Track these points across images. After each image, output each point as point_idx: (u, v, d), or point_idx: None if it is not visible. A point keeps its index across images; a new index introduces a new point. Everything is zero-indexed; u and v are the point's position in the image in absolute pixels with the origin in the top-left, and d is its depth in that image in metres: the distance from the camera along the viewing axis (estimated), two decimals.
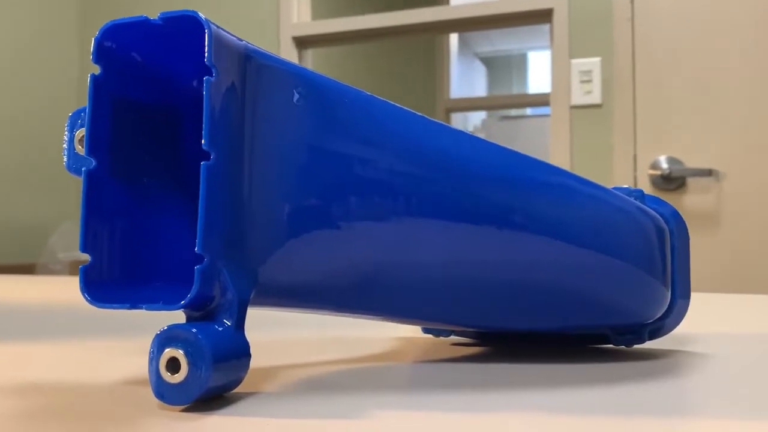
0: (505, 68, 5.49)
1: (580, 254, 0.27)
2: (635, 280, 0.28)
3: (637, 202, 0.29)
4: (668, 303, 0.29)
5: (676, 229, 0.30)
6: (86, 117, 0.24)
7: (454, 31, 2.25)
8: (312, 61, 2.13)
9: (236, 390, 0.23)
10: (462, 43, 4.35)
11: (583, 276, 0.27)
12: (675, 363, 0.28)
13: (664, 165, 1.65)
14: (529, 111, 4.82)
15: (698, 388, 0.24)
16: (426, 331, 0.34)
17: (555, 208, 0.27)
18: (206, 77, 0.23)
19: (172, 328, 0.22)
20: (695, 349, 0.31)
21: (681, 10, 1.64)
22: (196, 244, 0.22)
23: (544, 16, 1.76)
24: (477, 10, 1.82)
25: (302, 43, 2.03)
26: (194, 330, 0.21)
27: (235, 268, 0.24)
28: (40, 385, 0.25)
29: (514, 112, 4.84)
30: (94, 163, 0.25)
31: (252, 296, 0.25)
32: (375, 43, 2.46)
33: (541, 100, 3.39)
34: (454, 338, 0.34)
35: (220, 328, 0.22)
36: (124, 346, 0.33)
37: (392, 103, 0.27)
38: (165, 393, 0.21)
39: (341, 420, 0.20)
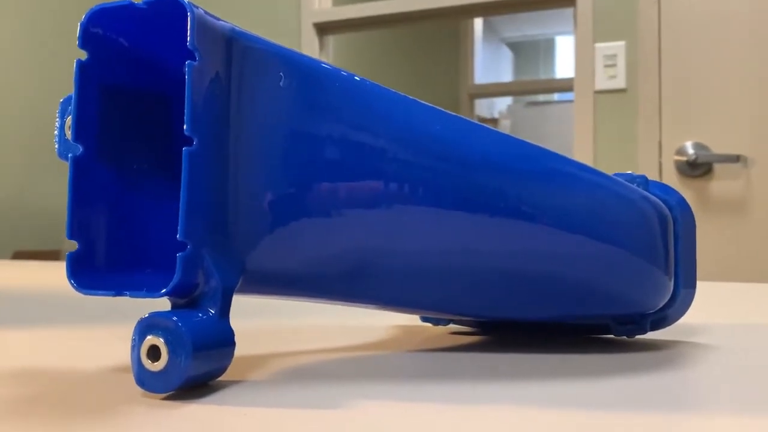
0: (532, 53, 5.42)
1: (578, 242, 0.26)
2: (635, 268, 0.27)
3: (640, 189, 0.28)
4: (671, 292, 0.28)
5: (681, 217, 0.29)
6: (73, 103, 0.24)
7: (477, 15, 2.22)
8: (333, 48, 2.12)
9: (222, 378, 0.23)
10: (488, 29, 4.30)
11: (582, 264, 0.26)
12: (677, 354, 0.27)
13: (690, 151, 1.62)
14: (556, 96, 4.76)
15: (700, 381, 0.23)
16: (424, 319, 0.33)
17: (553, 194, 0.26)
18: (188, 61, 0.22)
19: (154, 315, 0.21)
20: (700, 340, 0.30)
21: None
22: (178, 231, 0.22)
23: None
24: None
25: (323, 29, 2.02)
26: (175, 318, 0.21)
27: (219, 255, 0.23)
28: (26, 371, 0.25)
29: (541, 97, 4.78)
30: (81, 149, 0.24)
31: (240, 284, 0.24)
32: (397, 28, 2.44)
33: (567, 86, 3.34)
34: (452, 327, 0.34)
35: (203, 316, 0.22)
36: (116, 332, 0.34)
37: (384, 87, 0.26)
38: (146, 381, 0.21)
39: (322, 410, 0.19)
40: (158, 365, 0.21)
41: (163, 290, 0.22)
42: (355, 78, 0.26)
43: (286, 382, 0.23)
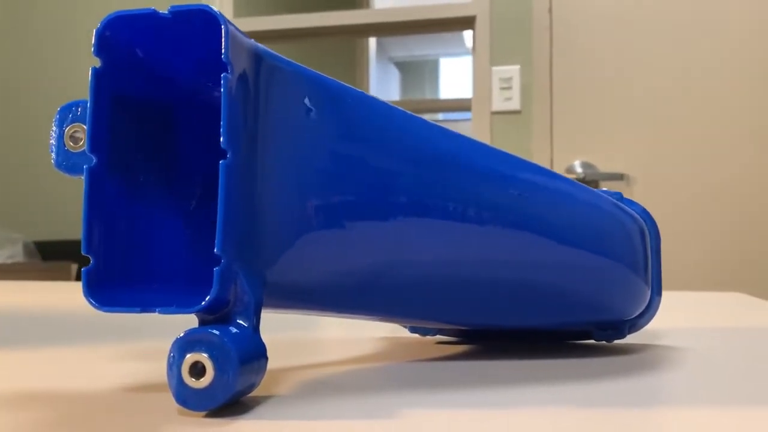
0: (418, 73, 5.57)
1: (576, 254, 0.28)
2: (623, 279, 0.29)
3: (621, 204, 0.31)
4: (648, 300, 0.31)
5: (651, 228, 0.32)
6: (88, 112, 0.23)
7: (377, 35, 2.27)
8: None
9: (251, 394, 0.23)
10: (378, 47, 4.38)
11: (577, 275, 0.28)
12: (654, 356, 0.29)
13: (579, 169, 1.73)
14: (440, 116, 4.91)
15: (679, 379, 0.25)
16: (413, 330, 0.34)
17: (551, 210, 0.28)
18: (224, 74, 0.22)
19: (194, 331, 0.21)
20: (664, 343, 0.33)
21: (597, 21, 1.72)
22: (215, 245, 0.22)
23: (466, 23, 1.80)
24: (401, 15, 1.85)
25: None
26: (218, 333, 0.21)
27: (249, 269, 0.23)
28: (40, 395, 0.23)
29: (427, 116, 4.91)
30: (94, 161, 0.23)
31: None
32: (296, 43, 2.44)
33: (457, 106, 3.47)
34: (439, 337, 0.35)
35: (240, 331, 0.22)
36: (106, 351, 0.32)
37: (396, 106, 0.27)
38: (188, 398, 0.20)
39: (377, 420, 0.20)
40: (203, 382, 0.20)
41: (202, 304, 0.21)
42: (370, 97, 0.26)
43: (318, 396, 0.23)
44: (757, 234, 1.71)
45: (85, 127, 0.25)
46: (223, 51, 0.22)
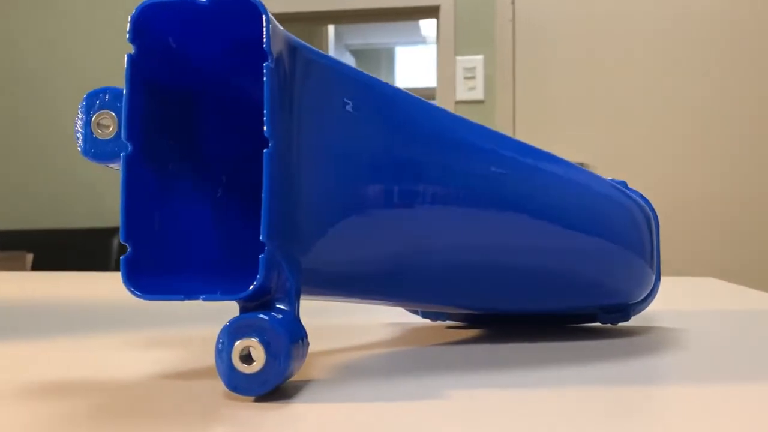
0: (373, 61, 5.57)
1: (589, 242, 0.29)
2: (632, 264, 0.30)
3: (628, 192, 0.32)
4: (653, 284, 0.32)
5: (652, 215, 0.33)
6: (124, 99, 0.23)
7: (339, 22, 2.26)
8: None
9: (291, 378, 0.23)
10: (335, 35, 4.36)
11: (593, 261, 0.29)
12: (658, 337, 0.31)
13: None
14: None
15: (691, 359, 0.26)
16: (424, 315, 0.35)
17: (567, 199, 0.29)
18: (266, 63, 0.22)
19: (243, 317, 0.21)
20: (663, 325, 0.35)
21: (559, 13, 1.75)
22: (261, 232, 0.22)
23: (431, 12, 1.81)
24: (364, 2, 1.84)
25: None
26: (268, 318, 0.21)
27: (289, 256, 0.23)
28: (71, 385, 0.23)
29: None
30: (130, 148, 0.23)
31: None
32: None
33: (417, 95, 3.48)
34: (449, 321, 0.36)
35: (285, 317, 0.22)
36: (110, 342, 0.32)
37: (419, 97, 0.28)
38: (239, 384, 0.21)
39: (424, 400, 0.20)
40: (254, 367, 0.21)
41: (249, 290, 0.22)
42: (401, 90, 0.27)
43: (356, 379, 0.23)
44: (712, 221, 1.78)
45: (113, 114, 0.25)
46: (264, 40, 0.22)
